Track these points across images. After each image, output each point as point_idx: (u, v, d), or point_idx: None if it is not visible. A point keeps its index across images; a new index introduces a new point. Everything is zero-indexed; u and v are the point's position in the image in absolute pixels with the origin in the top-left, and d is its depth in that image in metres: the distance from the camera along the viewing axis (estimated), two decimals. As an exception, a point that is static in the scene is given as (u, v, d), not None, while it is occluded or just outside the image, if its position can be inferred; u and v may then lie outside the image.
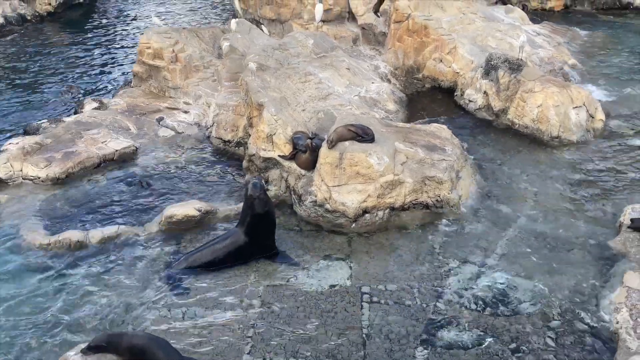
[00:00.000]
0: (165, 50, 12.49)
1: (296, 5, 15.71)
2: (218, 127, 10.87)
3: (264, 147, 9.22)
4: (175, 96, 12.50)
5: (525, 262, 7.41)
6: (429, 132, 9.34)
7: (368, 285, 7.14)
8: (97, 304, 6.93)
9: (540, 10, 17.31)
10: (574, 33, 14.92)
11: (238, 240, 7.57)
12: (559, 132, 10.06)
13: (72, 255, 7.83)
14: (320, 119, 9.64)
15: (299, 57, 11.31)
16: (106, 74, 15.48)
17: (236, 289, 7.16)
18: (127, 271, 7.51)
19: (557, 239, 7.80)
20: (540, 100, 10.21)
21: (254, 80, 10.10)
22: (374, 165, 8.14)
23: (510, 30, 12.97)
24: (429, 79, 12.59)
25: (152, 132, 11.36)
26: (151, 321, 6.65)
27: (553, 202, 8.54)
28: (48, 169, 9.70)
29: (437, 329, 6.46)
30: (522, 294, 6.92)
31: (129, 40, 18.17)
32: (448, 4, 13.51)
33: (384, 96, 11.43)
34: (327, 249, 7.85)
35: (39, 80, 15.24)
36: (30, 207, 9.02)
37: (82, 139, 10.56)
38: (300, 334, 6.44)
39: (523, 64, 10.88)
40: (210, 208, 8.58)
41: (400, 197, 8.23)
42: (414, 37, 12.78)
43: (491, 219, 8.29)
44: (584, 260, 7.40)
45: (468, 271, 7.33)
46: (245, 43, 12.42)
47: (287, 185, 8.91)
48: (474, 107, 11.37)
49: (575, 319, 6.49)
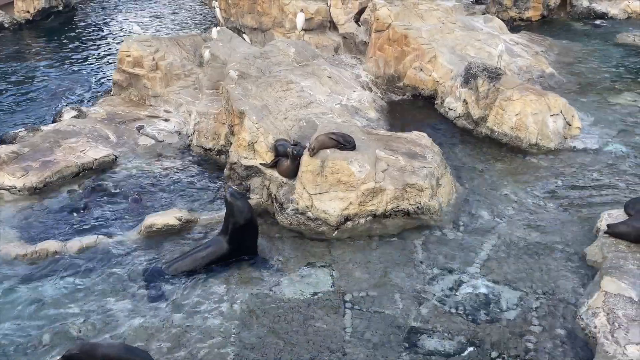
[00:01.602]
0: (145, 59, 12.42)
1: (277, 14, 15.77)
2: (199, 135, 10.82)
3: (245, 155, 9.20)
4: (156, 104, 12.42)
5: (506, 268, 7.48)
6: (409, 140, 9.40)
7: (350, 293, 7.14)
8: (75, 314, 6.82)
9: (518, 20, 17.59)
10: (551, 42, 15.18)
11: (221, 248, 7.53)
12: (537, 139, 10.21)
13: (50, 266, 7.71)
14: (302, 127, 9.65)
15: (280, 66, 11.33)
16: (86, 82, 15.30)
17: (217, 296, 7.12)
18: (105, 280, 7.41)
19: (537, 245, 7.89)
20: (519, 108, 10.36)
21: (235, 88, 10.09)
22: (356, 173, 8.17)
23: (489, 39, 13.15)
24: (409, 87, 12.70)
25: (132, 140, 11.25)
26: (130, 330, 6.56)
27: (532, 209, 8.65)
28: (25, 179, 9.54)
29: (418, 336, 6.48)
30: (502, 300, 6.98)
31: (109, 48, 18.02)
32: (428, 14, 13.68)
33: (365, 104, 11.49)
34: (309, 257, 7.84)
35: (17, 89, 15.02)
36: (6, 217, 8.86)
37: (60, 148, 10.41)
38: (282, 341, 6.41)
39: (502, 73, 11.04)
40: (191, 217, 8.52)
41: (381, 204, 8.26)
42: (394, 46, 12.89)
43: (471, 226, 8.36)
44: (563, 266, 7.49)
45: (449, 278, 7.38)
46: (226, 51, 12.41)
47: (269, 193, 8.88)
48: (453, 115, 11.48)
49: (555, 324, 6.56)
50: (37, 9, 20.39)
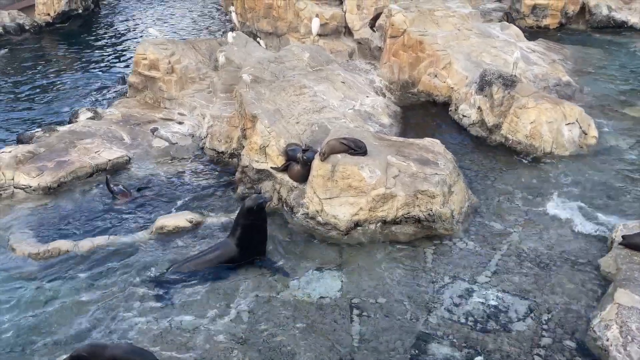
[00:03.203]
0: (161, 62, 12.54)
1: (293, 18, 15.83)
2: (212, 138, 10.87)
3: (256, 158, 9.22)
4: (170, 107, 12.52)
5: (517, 278, 7.37)
6: (422, 146, 9.34)
7: (358, 298, 7.09)
8: (84, 314, 6.86)
9: (536, 27, 17.44)
10: (569, 51, 15.02)
11: (229, 250, 7.54)
12: (552, 148, 10.08)
13: (61, 265, 7.78)
14: (314, 131, 9.64)
15: (294, 70, 11.35)
16: (102, 84, 15.50)
17: (225, 299, 7.11)
18: (115, 281, 7.45)
19: (549, 255, 7.77)
20: (534, 116, 10.24)
21: (248, 92, 10.13)
22: (366, 178, 8.13)
23: (505, 46, 13.04)
24: (423, 93, 12.64)
25: (146, 142, 11.35)
26: (138, 331, 6.58)
27: (545, 219, 8.52)
28: (40, 178, 9.67)
29: (426, 344, 6.41)
30: (512, 310, 6.87)
31: (126, 50, 18.23)
32: (444, 20, 13.61)
33: (379, 110, 11.46)
34: (319, 261, 7.80)
35: (35, 90, 15.26)
36: (20, 216, 8.98)
37: (75, 149, 10.54)
38: (289, 346, 6.38)
39: (517, 80, 10.93)
40: (201, 219, 8.55)
41: (392, 210, 8.21)
42: (409, 52, 12.85)
43: (483, 234, 8.26)
44: (576, 277, 7.36)
45: (459, 287, 7.29)
46: (241, 55, 12.48)
47: (280, 197, 8.88)
48: (467, 122, 11.39)
49: (566, 337, 6.44)
50: (57, 12, 20.76)
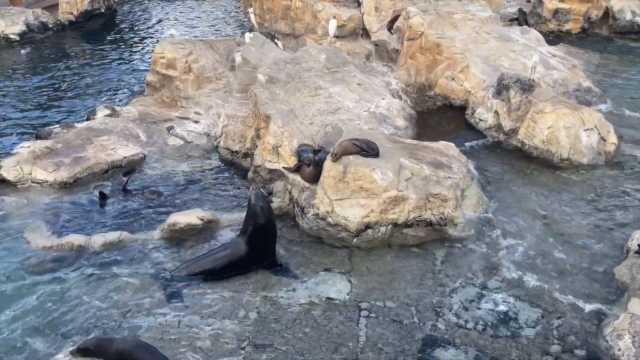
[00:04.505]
0: (178, 61, 12.64)
1: (311, 20, 15.84)
2: (226, 138, 10.91)
3: (269, 158, 9.23)
4: (187, 106, 12.60)
5: (528, 284, 7.26)
6: (436, 149, 9.26)
7: (366, 301, 7.05)
8: (94, 308, 6.93)
9: (557, 32, 17.19)
10: (591, 56, 14.77)
11: (239, 249, 7.55)
12: (569, 154, 9.91)
13: (73, 259, 7.87)
14: (327, 132, 9.62)
15: (310, 71, 11.35)
16: (121, 82, 15.69)
17: (233, 299, 7.12)
18: (126, 277, 7.51)
19: (562, 261, 7.64)
20: (551, 122, 10.09)
21: (263, 92, 10.15)
22: (378, 180, 8.08)
23: (524, 50, 12.86)
24: (440, 96, 12.53)
25: (162, 140, 11.43)
26: (146, 327, 6.62)
27: (560, 225, 8.38)
28: (56, 173, 9.80)
29: (434, 348, 6.34)
30: (523, 317, 6.78)
31: (145, 50, 18.43)
32: (462, 23, 13.48)
33: (394, 112, 11.40)
34: (328, 263, 7.78)
35: (56, 87, 15.51)
36: (36, 210, 9.11)
37: (92, 145, 10.67)
38: (295, 347, 6.36)
39: (535, 85, 10.79)
40: (213, 217, 8.58)
41: (403, 213, 8.15)
42: (426, 55, 12.76)
43: (495, 239, 8.15)
44: (589, 284, 7.23)
45: (469, 292, 7.21)
46: (258, 56, 12.52)
47: (291, 197, 8.88)
48: (484, 126, 11.26)
49: (576, 345, 6.32)
50: (80, 11, 21.09)
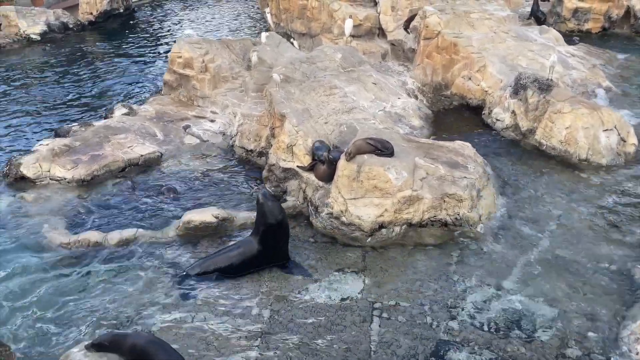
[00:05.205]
0: (195, 60, 12.72)
1: (327, 19, 15.84)
2: (242, 137, 10.96)
3: (284, 157, 9.25)
4: (203, 105, 12.68)
5: (544, 286, 7.16)
6: (451, 149, 9.19)
7: (380, 302, 7.01)
8: (108, 303, 7.01)
9: (577, 31, 16.96)
10: (611, 56, 14.54)
11: (251, 248, 7.56)
12: (588, 154, 9.77)
13: (90, 256, 7.96)
14: (342, 132, 9.61)
15: (325, 71, 11.35)
16: (138, 81, 15.86)
17: (247, 297, 7.14)
18: (140, 273, 7.58)
19: (579, 264, 7.53)
20: (569, 122, 9.96)
21: (278, 91, 10.18)
22: (392, 180, 8.05)
23: (542, 50, 12.72)
24: (456, 96, 12.45)
25: (178, 139, 11.53)
26: (160, 323, 6.67)
27: (577, 226, 8.26)
28: (74, 171, 9.94)
29: (447, 349, 6.29)
30: (538, 319, 6.68)
31: (163, 49, 18.60)
32: (479, 23, 13.38)
33: (410, 112, 11.35)
34: (341, 262, 7.76)
35: (75, 85, 15.73)
36: (54, 207, 9.25)
37: (109, 143, 10.79)
38: (308, 346, 6.35)
39: (553, 84, 10.65)
40: (227, 215, 8.61)
41: (418, 213, 8.10)
42: (443, 54, 12.68)
43: (511, 240, 8.07)
44: (606, 287, 7.11)
45: (484, 292, 7.13)
46: (273, 55, 12.56)
47: (305, 196, 8.88)
48: (501, 126, 11.16)
49: (593, 348, 6.22)
50: (99, 11, 21.40)
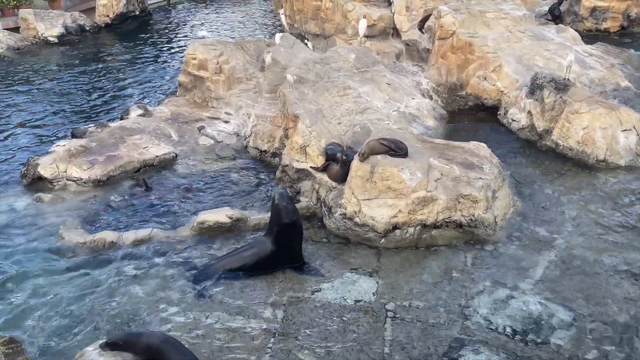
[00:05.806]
0: (210, 62, 12.79)
1: (340, 20, 15.82)
2: (255, 137, 10.99)
3: (297, 158, 9.25)
4: (218, 106, 12.74)
5: (561, 288, 7.07)
6: (466, 150, 9.11)
7: (393, 302, 6.97)
8: (123, 303, 7.05)
9: (595, 30, 16.72)
10: (630, 55, 14.30)
11: (265, 249, 7.57)
12: (606, 155, 9.62)
13: (105, 255, 8.04)
14: (356, 132, 9.59)
15: (339, 71, 11.33)
16: (154, 83, 15.99)
17: (261, 297, 7.14)
18: (155, 273, 7.63)
19: (597, 264, 7.42)
20: (587, 122, 9.81)
21: (291, 92, 10.18)
22: (406, 181, 8.00)
23: (559, 49, 12.55)
24: (472, 96, 12.34)
25: (193, 140, 11.60)
26: (174, 323, 6.70)
27: (595, 228, 8.14)
28: (90, 171, 10.04)
29: (461, 350, 6.22)
30: (555, 322, 6.59)
31: (178, 51, 18.73)
32: (495, 22, 13.25)
33: (424, 112, 11.28)
34: (355, 263, 7.74)
35: (91, 87, 15.90)
36: (71, 207, 9.36)
37: (124, 144, 10.88)
38: (321, 347, 6.34)
39: (570, 84, 10.52)
40: (241, 215, 8.63)
41: (432, 214, 8.04)
42: (458, 54, 12.59)
43: (527, 241, 7.97)
44: (626, 288, 6.99)
45: (499, 294, 7.05)
46: (287, 56, 12.56)
47: (318, 197, 8.87)
48: (517, 127, 11.04)
49: (611, 351, 6.11)
50: (115, 14, 21.64)
